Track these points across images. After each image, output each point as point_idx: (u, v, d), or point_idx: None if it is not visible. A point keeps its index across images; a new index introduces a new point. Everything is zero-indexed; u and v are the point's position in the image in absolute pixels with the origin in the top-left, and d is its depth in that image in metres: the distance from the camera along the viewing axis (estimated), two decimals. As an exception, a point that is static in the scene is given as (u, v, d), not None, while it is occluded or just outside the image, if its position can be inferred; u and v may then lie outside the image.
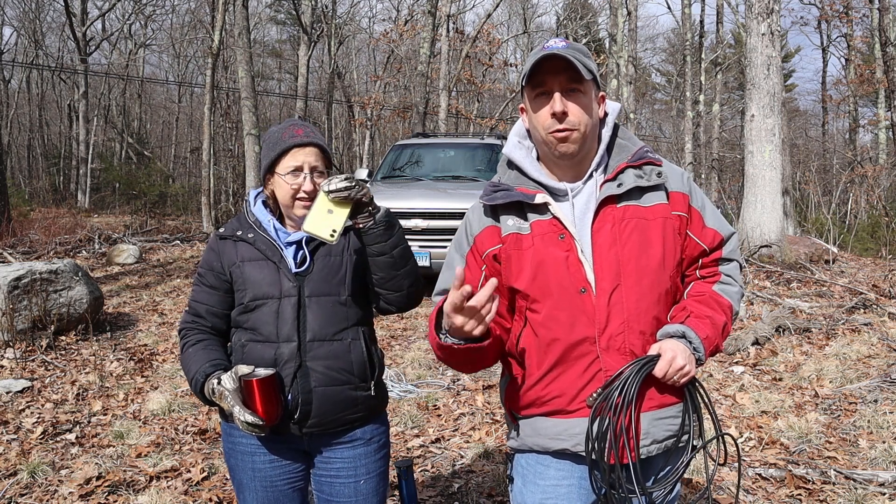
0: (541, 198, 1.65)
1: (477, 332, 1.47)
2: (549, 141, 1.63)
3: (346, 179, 1.76)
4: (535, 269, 1.64)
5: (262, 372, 1.83)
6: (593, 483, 1.63)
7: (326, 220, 1.77)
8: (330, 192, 1.75)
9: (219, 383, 1.82)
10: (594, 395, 1.61)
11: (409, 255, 1.95)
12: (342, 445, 2.00)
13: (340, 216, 1.78)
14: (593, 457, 1.59)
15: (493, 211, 1.72)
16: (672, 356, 1.58)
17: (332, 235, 1.77)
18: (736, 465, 3.67)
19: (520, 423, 1.75)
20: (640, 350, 1.63)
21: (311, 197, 1.91)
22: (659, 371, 1.59)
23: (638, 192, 1.65)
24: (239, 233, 1.99)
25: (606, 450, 1.58)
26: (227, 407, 1.79)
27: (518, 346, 1.69)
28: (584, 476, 1.66)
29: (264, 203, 2.03)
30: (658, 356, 1.60)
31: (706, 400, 1.70)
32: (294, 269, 1.94)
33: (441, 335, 1.56)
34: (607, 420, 1.57)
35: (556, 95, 1.59)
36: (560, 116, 1.59)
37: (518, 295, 1.69)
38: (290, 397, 1.90)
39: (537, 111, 1.63)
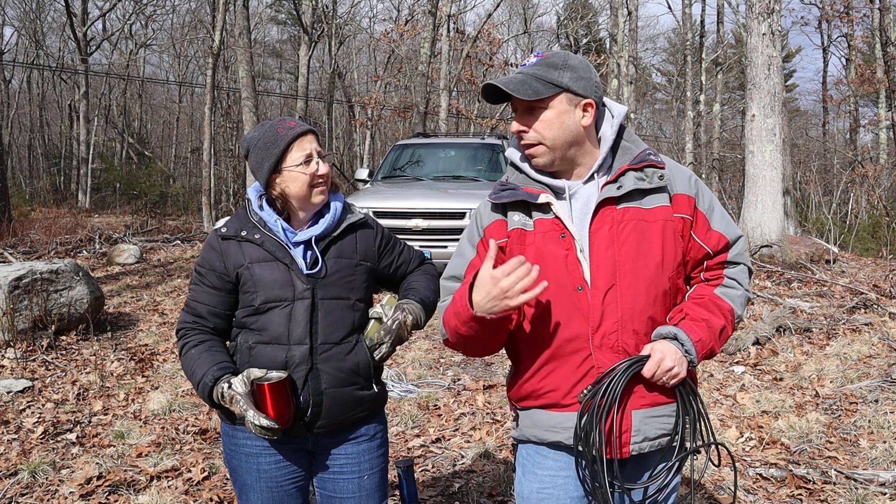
0: (544, 197, 1.68)
1: (526, 294, 1.49)
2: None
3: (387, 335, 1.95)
4: (535, 264, 1.65)
5: (275, 375, 1.81)
6: (580, 476, 1.68)
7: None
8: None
9: (229, 387, 1.79)
10: (585, 391, 1.65)
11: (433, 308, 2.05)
12: (346, 442, 2.00)
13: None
14: (580, 448, 1.64)
15: (502, 207, 1.76)
16: (661, 357, 1.61)
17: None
18: (736, 465, 3.67)
19: (520, 413, 1.80)
20: (634, 349, 1.66)
21: (327, 181, 1.94)
22: (647, 371, 1.62)
23: (639, 194, 1.67)
24: (244, 233, 1.94)
25: (591, 445, 1.62)
26: (239, 411, 1.77)
27: (516, 339, 1.73)
28: None
29: (269, 203, 1.97)
30: (648, 356, 1.62)
31: (698, 403, 1.71)
32: (305, 271, 1.92)
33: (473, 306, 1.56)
34: (594, 416, 1.61)
35: (516, 115, 1.70)
36: (519, 135, 1.70)
37: None
38: (301, 400, 1.88)
39: None
